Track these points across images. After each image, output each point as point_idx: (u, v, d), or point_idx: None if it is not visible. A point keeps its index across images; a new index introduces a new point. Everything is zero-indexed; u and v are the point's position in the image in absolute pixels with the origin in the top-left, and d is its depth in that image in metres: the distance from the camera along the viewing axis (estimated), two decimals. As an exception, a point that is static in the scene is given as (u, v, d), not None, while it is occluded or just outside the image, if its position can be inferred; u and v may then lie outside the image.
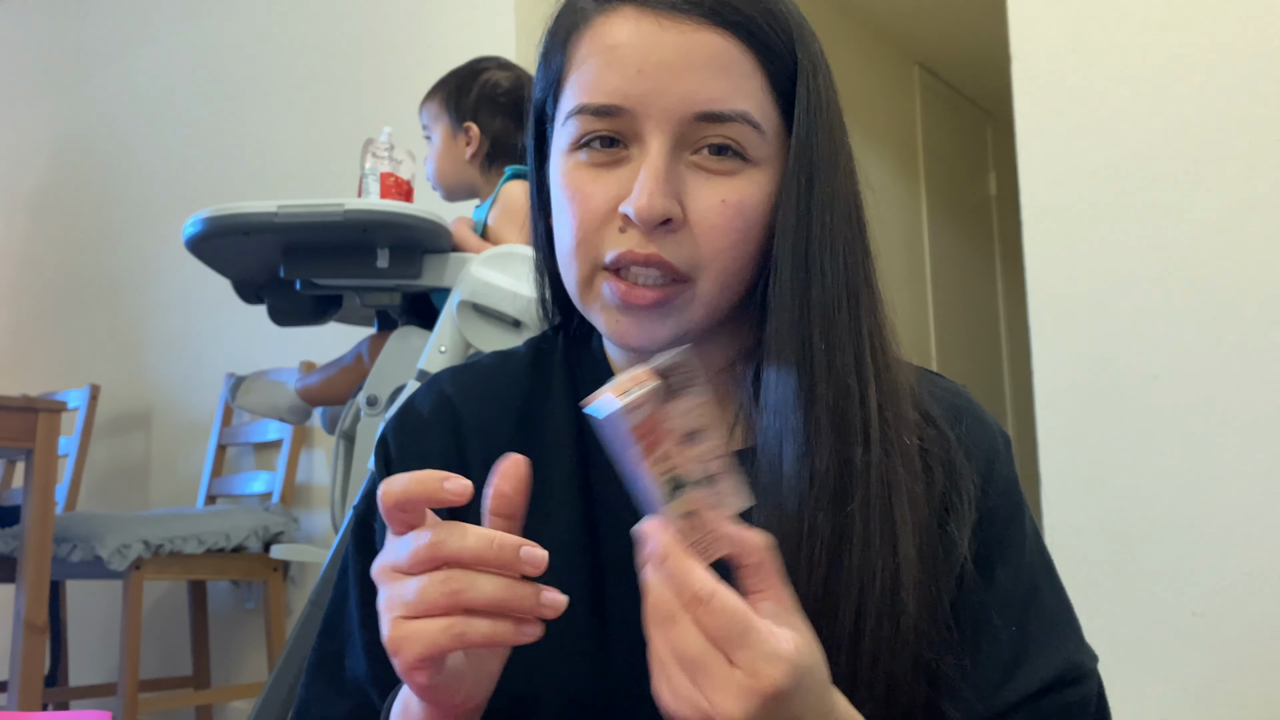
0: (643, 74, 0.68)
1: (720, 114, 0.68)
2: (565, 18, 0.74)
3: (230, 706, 3.08)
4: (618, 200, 0.69)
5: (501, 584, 0.56)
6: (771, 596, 0.56)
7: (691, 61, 0.68)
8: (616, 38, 0.69)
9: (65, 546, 2.56)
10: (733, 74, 0.68)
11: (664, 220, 0.68)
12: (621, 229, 0.69)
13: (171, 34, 3.62)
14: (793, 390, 0.68)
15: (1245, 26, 1.84)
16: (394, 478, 0.57)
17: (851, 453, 0.67)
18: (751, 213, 0.69)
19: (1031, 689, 0.70)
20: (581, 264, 0.71)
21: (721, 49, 0.68)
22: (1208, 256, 1.84)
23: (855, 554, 0.66)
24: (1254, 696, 1.73)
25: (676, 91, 0.67)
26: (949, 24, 3.96)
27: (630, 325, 0.70)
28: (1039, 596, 0.74)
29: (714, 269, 0.69)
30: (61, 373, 3.71)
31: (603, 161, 0.70)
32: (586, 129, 0.70)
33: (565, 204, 0.71)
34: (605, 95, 0.68)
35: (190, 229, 1.75)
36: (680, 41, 0.68)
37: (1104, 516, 1.88)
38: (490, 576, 0.56)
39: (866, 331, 0.70)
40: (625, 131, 0.69)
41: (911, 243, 4.00)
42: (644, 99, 0.68)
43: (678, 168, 0.69)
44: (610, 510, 0.76)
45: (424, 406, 0.81)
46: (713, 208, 0.68)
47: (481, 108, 2.02)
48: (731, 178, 0.69)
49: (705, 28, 0.68)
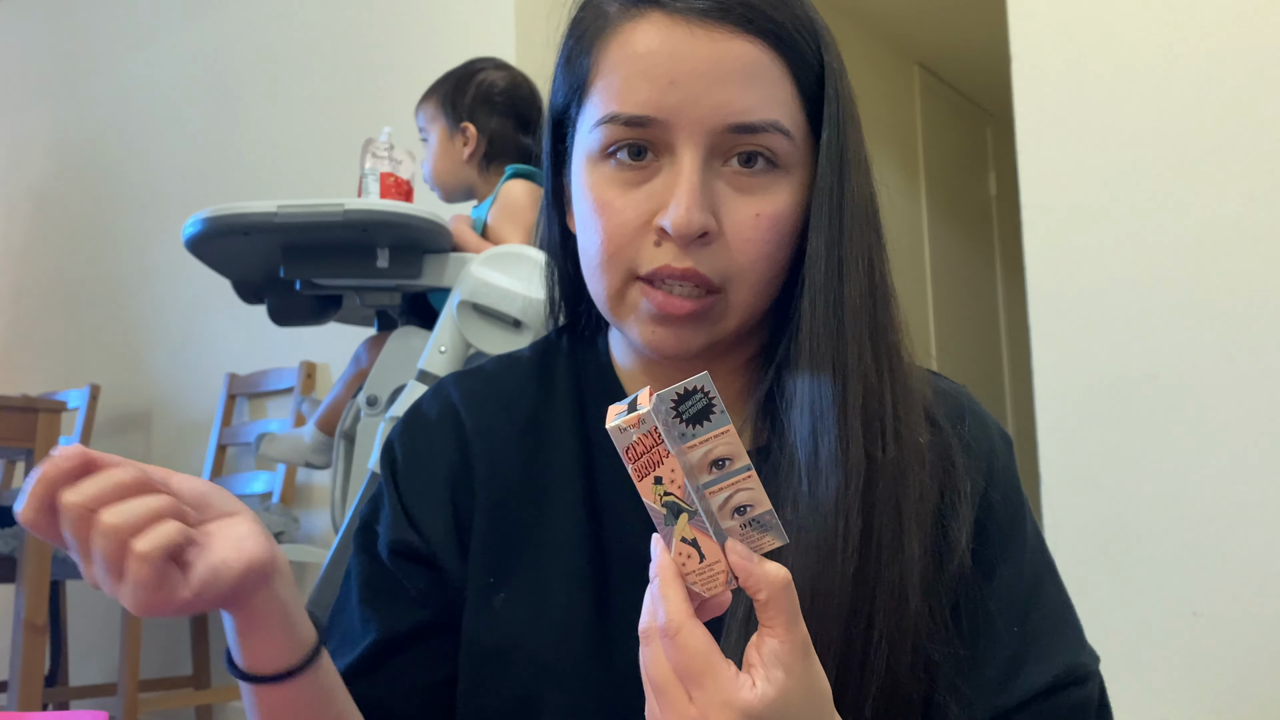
0: (675, 84, 0.67)
1: (753, 124, 0.68)
2: (590, 22, 0.73)
3: (230, 706, 3.08)
4: (650, 214, 0.68)
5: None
6: (777, 635, 0.55)
7: (723, 71, 0.67)
8: (647, 45, 0.68)
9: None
10: (763, 82, 0.68)
11: (702, 233, 0.67)
12: (657, 242, 0.68)
13: (171, 34, 3.62)
14: (829, 390, 0.68)
15: (1245, 26, 1.84)
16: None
17: (875, 449, 0.68)
18: (784, 222, 0.70)
19: (1034, 690, 0.70)
20: (613, 276, 0.70)
21: (752, 57, 0.68)
22: (1207, 256, 1.84)
23: (876, 548, 0.67)
24: (1254, 696, 1.73)
25: (709, 102, 0.67)
26: (949, 24, 3.96)
27: (666, 335, 0.70)
28: (1040, 597, 0.74)
29: (749, 280, 0.69)
30: (61, 373, 3.72)
31: (632, 172, 0.69)
32: (615, 137, 0.69)
33: (592, 215, 0.70)
34: (637, 105, 0.68)
35: (190, 229, 1.75)
36: (711, 50, 0.67)
37: (1104, 516, 1.88)
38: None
39: (884, 331, 0.71)
40: (656, 141, 0.69)
41: (911, 243, 4.00)
42: (676, 110, 0.67)
43: (711, 179, 0.68)
44: (615, 513, 0.76)
45: (430, 412, 0.81)
46: (747, 221, 0.68)
47: (478, 108, 2.02)
48: (764, 189, 0.69)
49: (736, 36, 0.67)
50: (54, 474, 0.57)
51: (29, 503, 0.57)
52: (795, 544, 0.67)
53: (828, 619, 0.65)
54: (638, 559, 0.76)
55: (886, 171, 3.87)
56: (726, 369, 0.76)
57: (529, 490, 0.77)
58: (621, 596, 0.74)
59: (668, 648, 0.54)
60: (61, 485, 0.57)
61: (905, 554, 0.67)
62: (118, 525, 0.56)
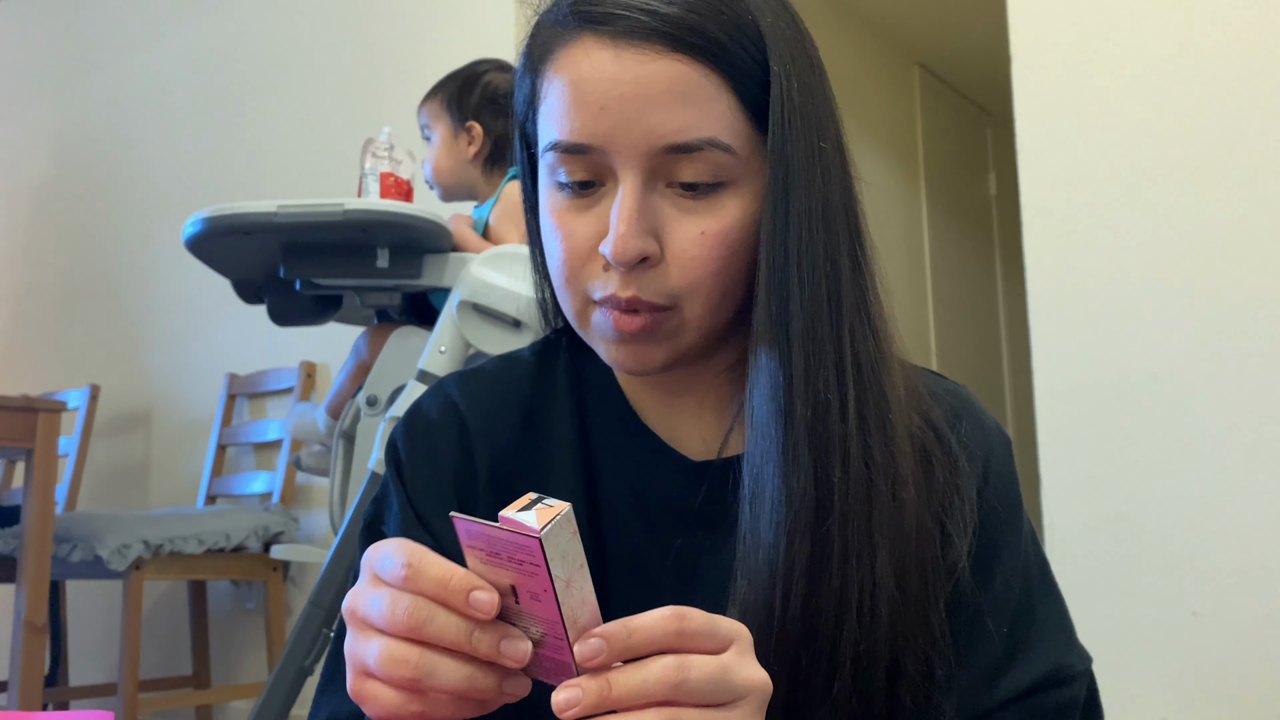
0: (605, 111, 0.67)
1: (687, 144, 0.66)
2: (534, 43, 0.73)
3: (230, 706, 3.08)
4: (597, 238, 0.68)
5: (464, 670, 0.53)
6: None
7: (651, 93, 0.66)
8: (577, 72, 0.68)
9: (65, 546, 2.56)
10: (696, 100, 0.67)
11: (641, 259, 0.67)
12: (605, 267, 0.68)
13: (171, 34, 3.62)
14: (769, 410, 0.67)
15: (1245, 26, 1.84)
16: (424, 564, 0.53)
17: (830, 470, 0.66)
18: (733, 236, 0.68)
19: (1019, 689, 0.70)
20: (574, 298, 0.71)
21: (681, 75, 0.66)
22: (1208, 256, 1.84)
23: (834, 573, 0.66)
24: (1253, 696, 1.73)
25: (641, 126, 0.66)
26: (949, 24, 3.96)
27: (626, 353, 0.70)
28: (1033, 598, 0.74)
29: (699, 296, 0.69)
30: (61, 373, 3.72)
31: (580, 198, 0.69)
32: (560, 164, 0.69)
33: (552, 234, 0.71)
34: (572, 134, 0.68)
35: (190, 229, 1.75)
36: (639, 73, 0.66)
37: (1103, 516, 1.88)
38: (455, 662, 0.53)
39: (849, 339, 0.69)
40: (598, 165, 0.68)
41: (911, 243, 4.00)
42: (610, 136, 0.67)
43: (652, 200, 0.68)
44: (614, 514, 0.76)
45: (431, 411, 0.81)
46: (692, 240, 0.68)
47: (484, 109, 2.03)
48: (710, 206, 0.68)
49: (664, 55, 0.66)
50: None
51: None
52: (741, 574, 0.67)
53: (779, 647, 0.64)
54: (636, 560, 0.76)
55: (886, 171, 3.88)
56: (710, 375, 0.76)
57: (529, 491, 0.77)
58: (620, 596, 0.74)
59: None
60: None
61: (875, 576, 0.66)
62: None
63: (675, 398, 0.77)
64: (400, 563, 0.53)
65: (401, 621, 0.52)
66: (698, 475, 0.75)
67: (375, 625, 0.53)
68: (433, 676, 0.52)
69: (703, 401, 0.77)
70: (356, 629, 0.55)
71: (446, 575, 0.52)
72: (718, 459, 0.75)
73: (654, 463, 0.76)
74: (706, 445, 0.76)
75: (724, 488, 0.72)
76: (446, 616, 0.52)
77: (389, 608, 0.52)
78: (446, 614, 0.52)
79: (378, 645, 0.53)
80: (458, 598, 0.52)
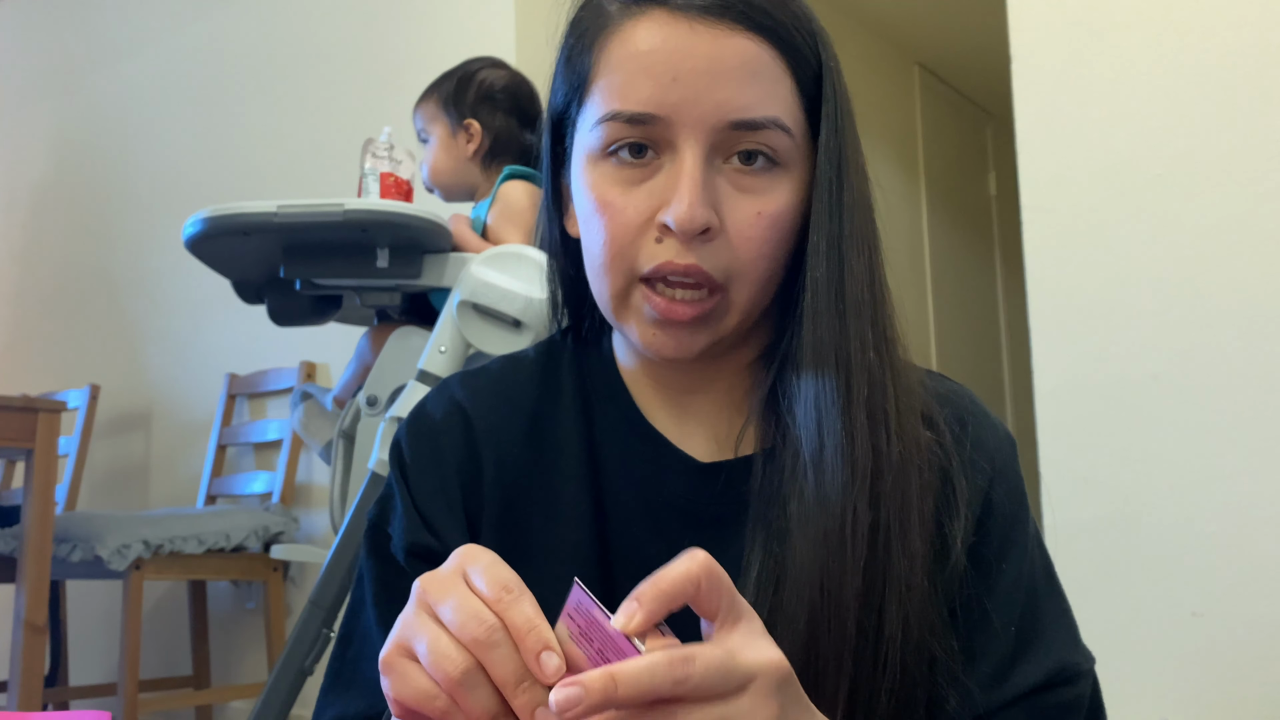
0: (677, 81, 0.67)
1: (754, 121, 0.68)
2: (591, 21, 0.73)
3: (230, 706, 3.08)
4: (652, 211, 0.69)
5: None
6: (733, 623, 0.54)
7: (725, 68, 0.67)
8: (649, 42, 0.69)
9: (65, 546, 2.56)
10: (764, 79, 0.68)
11: (703, 230, 0.68)
12: (658, 239, 0.69)
13: (171, 34, 3.62)
14: (833, 384, 0.69)
15: (1245, 27, 1.84)
16: (521, 599, 0.53)
17: (880, 443, 0.69)
18: (784, 220, 0.70)
19: (1024, 688, 0.71)
20: (615, 277, 0.71)
21: (754, 54, 0.68)
22: (1208, 256, 1.84)
23: (881, 541, 0.68)
24: (1253, 696, 1.74)
25: (711, 99, 0.67)
26: (949, 24, 3.96)
27: (666, 339, 0.71)
28: (1037, 598, 0.74)
29: (749, 278, 0.70)
30: (61, 373, 3.72)
31: (633, 170, 0.70)
32: (616, 135, 0.69)
33: (594, 215, 0.71)
34: (639, 103, 0.68)
35: (190, 229, 1.75)
36: (713, 47, 0.68)
37: (1104, 515, 1.88)
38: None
39: (885, 327, 0.72)
40: (657, 139, 0.69)
41: (911, 243, 4.01)
42: (678, 107, 0.68)
43: (712, 176, 0.69)
44: (620, 516, 0.76)
45: (436, 412, 0.80)
46: (748, 220, 0.69)
47: (481, 105, 2.03)
48: (765, 187, 0.69)
49: (737, 33, 0.68)
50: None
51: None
52: (802, 537, 0.68)
53: (840, 609, 0.66)
54: (642, 561, 0.75)
55: (886, 171, 3.88)
56: (731, 369, 0.77)
57: (535, 493, 0.77)
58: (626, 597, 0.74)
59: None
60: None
61: (912, 546, 0.68)
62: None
63: (686, 397, 0.78)
64: (501, 584, 0.53)
65: (470, 631, 0.52)
66: (705, 477, 0.76)
67: (442, 618, 0.53)
68: (468, 692, 0.52)
69: (717, 400, 0.77)
70: (422, 610, 0.54)
71: (533, 623, 0.52)
72: (735, 457, 0.75)
73: (661, 464, 0.77)
74: (717, 445, 0.77)
75: (735, 487, 0.73)
76: (511, 654, 0.51)
77: (465, 614, 0.52)
78: (513, 653, 0.52)
79: (436, 634, 0.53)
80: (533, 646, 0.51)
